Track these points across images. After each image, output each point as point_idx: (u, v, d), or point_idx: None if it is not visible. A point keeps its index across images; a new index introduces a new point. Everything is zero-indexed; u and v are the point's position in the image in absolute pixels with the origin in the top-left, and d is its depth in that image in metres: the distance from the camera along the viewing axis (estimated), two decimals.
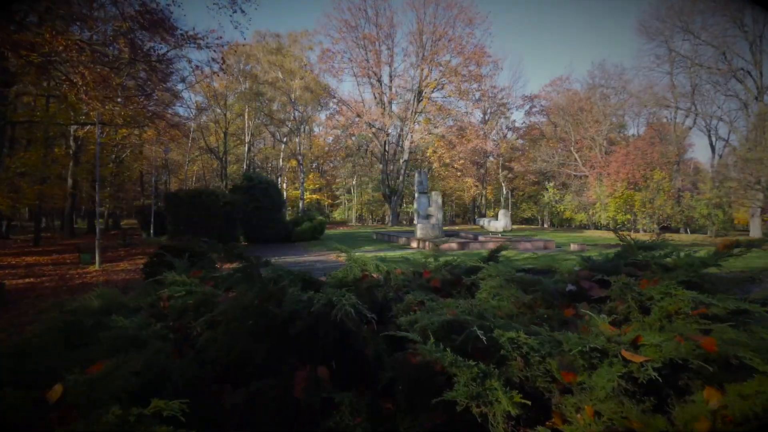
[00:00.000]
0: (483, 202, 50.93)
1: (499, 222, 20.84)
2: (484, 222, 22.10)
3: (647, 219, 28.14)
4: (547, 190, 40.10)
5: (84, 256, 14.66)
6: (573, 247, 18.08)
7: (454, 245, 18.15)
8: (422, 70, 38.08)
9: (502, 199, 53.60)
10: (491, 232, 21.95)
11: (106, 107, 11.55)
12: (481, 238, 21.24)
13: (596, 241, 23.84)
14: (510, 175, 48.97)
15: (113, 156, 33.97)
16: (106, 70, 9.05)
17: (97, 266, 13.77)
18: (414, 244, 20.04)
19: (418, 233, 20.21)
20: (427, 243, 18.90)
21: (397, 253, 16.88)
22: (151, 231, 25.01)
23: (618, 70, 37.25)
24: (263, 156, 56.09)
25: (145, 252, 18.59)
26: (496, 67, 38.09)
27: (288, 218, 25.88)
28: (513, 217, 56.84)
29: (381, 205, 58.83)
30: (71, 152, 25.39)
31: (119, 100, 13.44)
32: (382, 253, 16.74)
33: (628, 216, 29.47)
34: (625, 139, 42.36)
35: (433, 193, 21.22)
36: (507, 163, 49.47)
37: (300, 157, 40.72)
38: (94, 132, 29.46)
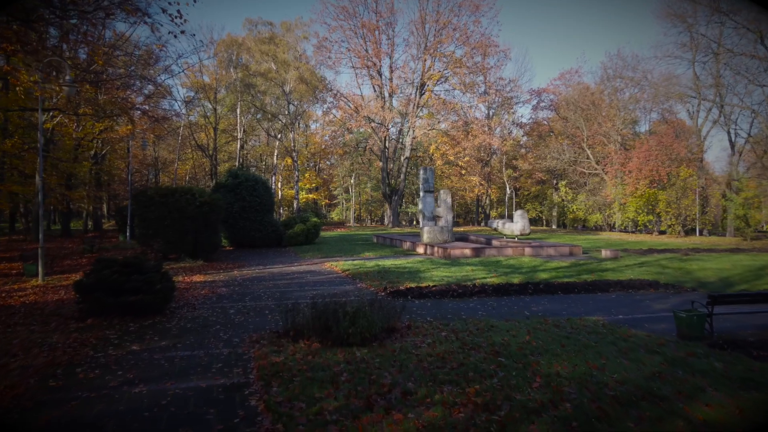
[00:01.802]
0: (488, 202, 48.56)
1: (516, 224, 18.47)
2: (497, 224, 19.71)
3: (673, 220, 25.75)
4: (557, 189, 37.69)
5: (28, 267, 12.24)
6: (604, 253, 15.70)
7: (467, 251, 15.77)
8: (425, 61, 35.68)
9: (506, 199, 51.30)
10: (506, 235, 19.57)
11: (31, 77, 9.16)
12: (495, 242, 18.87)
13: (622, 245, 21.48)
14: (514, 174, 46.62)
15: (92, 152, 31.46)
16: (18, 25, 6.77)
17: (40, 279, 11.35)
18: (420, 250, 17.66)
19: (425, 237, 17.82)
20: (435, 248, 16.52)
21: (403, 261, 14.46)
22: (128, 234, 22.56)
23: (634, 60, 34.89)
24: (257, 154, 53.64)
25: None
26: (505, 56, 35.73)
27: (283, 219, 23.46)
28: None
29: (380, 205, 56.46)
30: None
31: (68, 78, 11.02)
32: (386, 261, 14.34)
33: (650, 217, 27.09)
34: (636, 135, 40.04)
35: (441, 191, 18.84)
36: (511, 162, 47.14)
37: (294, 154, 38.25)
38: (67, 124, 27.07)
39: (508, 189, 49.26)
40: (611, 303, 8.74)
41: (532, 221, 54.28)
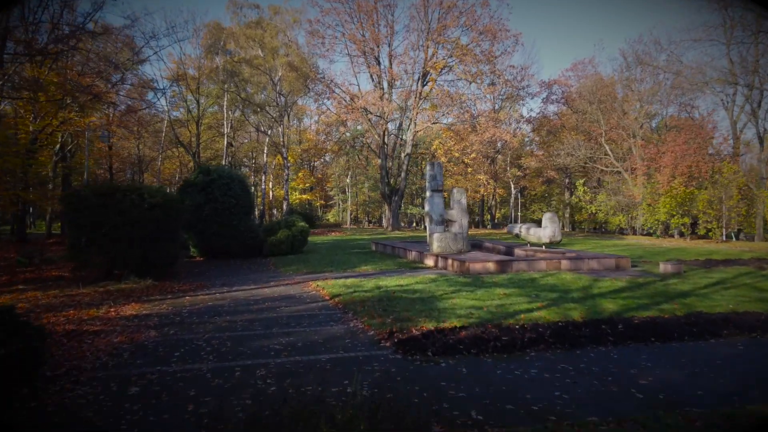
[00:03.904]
0: (494, 202, 45.39)
1: (545, 230, 15.24)
2: (520, 229, 16.50)
3: (714, 223, 22.56)
4: (570, 188, 34.49)
5: None
6: (663, 267, 12.49)
7: (490, 265, 12.53)
8: (427, 48, 32.43)
9: (512, 199, 48.16)
10: (530, 242, 16.35)
11: None
12: (518, 251, 15.68)
13: (663, 253, 18.33)
14: (518, 173, 43.42)
15: (56, 147, 28.10)
16: None
17: None
18: (430, 262, 14.42)
19: (435, 246, 14.58)
20: (449, 260, 13.29)
21: (410, 279, 11.20)
22: None
23: (658, 46, 31.70)
24: (247, 151, 50.32)
25: (42, 278, 12.87)
26: (516, 42, 32.46)
27: (265, 224, 20.16)
28: (522, 219, 51.34)
29: (379, 206, 53.28)
30: None
31: None
32: (389, 279, 11.09)
33: (686, 219, 23.88)
34: (655, 130, 36.92)
35: (455, 190, 15.60)
36: (516, 161, 43.98)
37: (284, 150, 34.93)
38: (23, 115, 23.76)
39: (513, 189, 46.15)
40: (751, 362, 5.53)
41: (537, 223, 50.99)
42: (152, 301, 9.30)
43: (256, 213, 49.23)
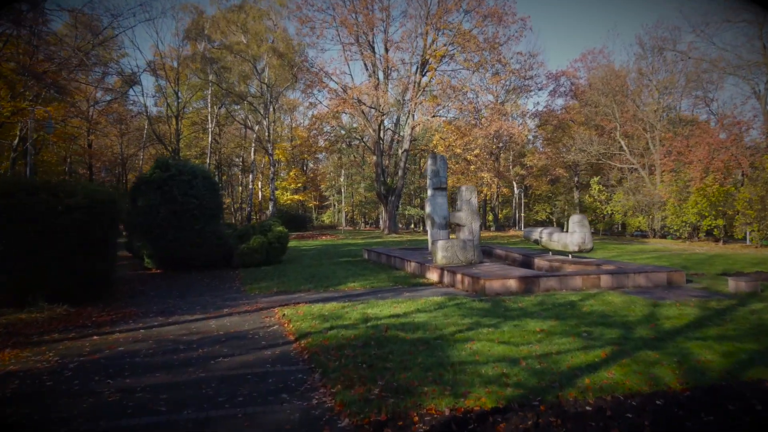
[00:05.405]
0: (498, 203, 42.69)
1: (572, 236, 12.53)
2: (540, 234, 13.80)
3: (755, 225, 19.87)
4: (579, 187, 31.76)
5: None
6: (734, 285, 9.77)
7: (511, 283, 9.80)
8: (426, 34, 29.72)
9: (516, 199, 45.55)
10: (554, 250, 13.65)
11: None
12: (538, 261, 13.00)
13: (706, 261, 15.65)
14: (522, 172, 40.76)
15: (14, 141, 25.31)
16: None
17: None
18: (433, 276, 11.68)
19: (440, 256, 11.83)
20: (458, 275, 10.55)
21: (409, 304, 8.43)
22: None
23: (679, 31, 29.14)
24: (234, 148, 47.49)
25: None
26: (524, 26, 29.74)
27: (239, 229, 17.39)
28: (525, 220, 48.65)
29: (375, 206, 50.57)
30: None
31: None
32: (380, 305, 8.32)
33: (720, 221, 21.18)
34: (672, 124, 34.31)
35: (463, 188, 12.83)
36: (518, 159, 41.31)
37: (269, 146, 32.14)
38: None
39: (516, 188, 43.50)
40: None
41: (541, 224, 48.15)
42: (41, 344, 6.53)
43: (245, 214, 46.50)
